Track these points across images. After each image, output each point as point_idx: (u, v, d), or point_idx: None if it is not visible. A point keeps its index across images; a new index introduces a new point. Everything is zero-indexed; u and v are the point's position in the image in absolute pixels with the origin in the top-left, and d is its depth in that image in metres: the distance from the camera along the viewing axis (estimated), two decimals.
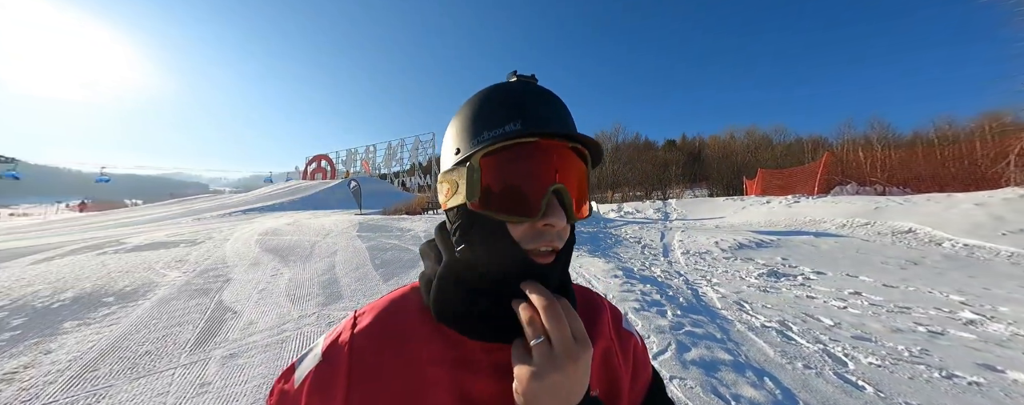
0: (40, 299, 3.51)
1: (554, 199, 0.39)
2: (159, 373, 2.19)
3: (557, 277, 0.41)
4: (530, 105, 0.42)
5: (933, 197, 7.28)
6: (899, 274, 4.22)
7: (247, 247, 6.00)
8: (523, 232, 0.39)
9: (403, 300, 0.46)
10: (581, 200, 0.42)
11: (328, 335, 0.44)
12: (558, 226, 0.39)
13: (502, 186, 0.40)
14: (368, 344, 0.41)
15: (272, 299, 3.51)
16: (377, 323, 0.43)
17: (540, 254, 0.39)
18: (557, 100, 0.45)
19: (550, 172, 0.40)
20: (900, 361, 2.31)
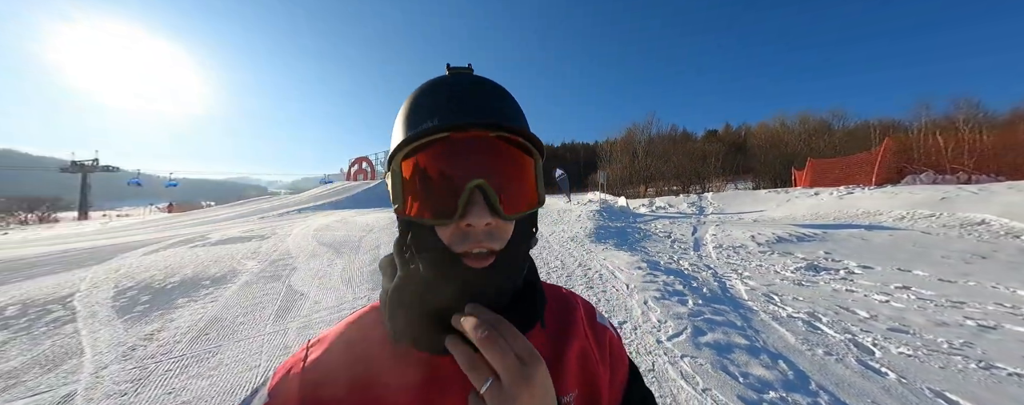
0: (156, 282, 4.34)
1: (476, 196, 0.35)
2: (252, 338, 2.73)
3: (505, 281, 0.38)
4: (450, 98, 0.39)
5: (1017, 185, 6.43)
6: (961, 268, 3.92)
7: (306, 241, 6.80)
8: (450, 235, 0.37)
9: (361, 323, 0.43)
10: (518, 194, 0.38)
11: (277, 371, 0.41)
12: (478, 225, 0.35)
13: (421, 188, 0.37)
14: (321, 378, 0.38)
15: (331, 284, 4.07)
16: (332, 352, 0.40)
17: (473, 257, 0.36)
18: (487, 89, 0.40)
19: (469, 167, 0.36)
20: (936, 352, 2.28)
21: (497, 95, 0.40)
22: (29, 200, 32.59)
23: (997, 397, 1.81)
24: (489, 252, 0.36)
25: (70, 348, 2.64)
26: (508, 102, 0.41)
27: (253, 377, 2.17)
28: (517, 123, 0.39)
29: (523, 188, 0.39)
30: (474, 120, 0.37)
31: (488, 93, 0.40)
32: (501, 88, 0.42)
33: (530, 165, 0.40)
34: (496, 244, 0.37)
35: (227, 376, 2.19)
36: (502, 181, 0.37)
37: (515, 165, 0.39)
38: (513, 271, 0.39)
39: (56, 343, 2.73)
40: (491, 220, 0.36)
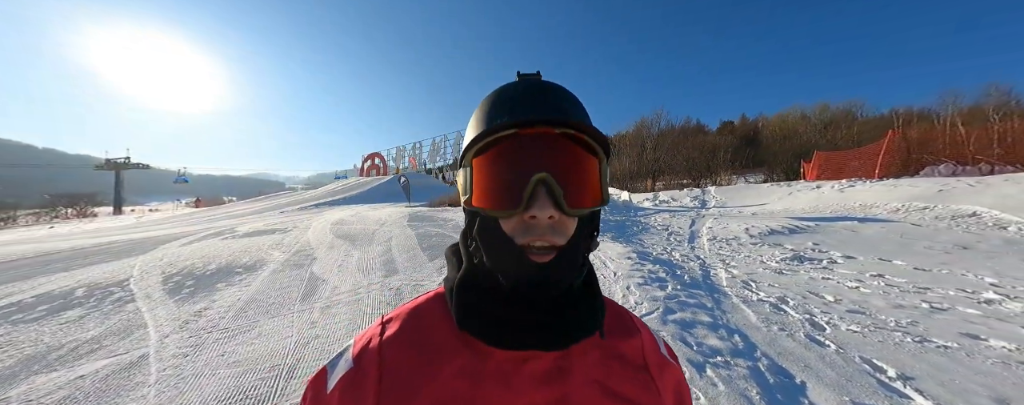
0: (197, 269, 4.90)
1: (540, 190, 0.36)
2: (284, 315, 3.19)
3: (564, 277, 0.38)
4: (520, 99, 0.41)
5: (1013, 177, 6.39)
6: (940, 258, 4.09)
7: (324, 234, 7.34)
8: (513, 226, 0.38)
9: (428, 307, 0.45)
10: (581, 190, 0.39)
11: (357, 340, 0.44)
12: (541, 217, 0.36)
13: (490, 181, 0.39)
14: (396, 354, 0.40)
15: (348, 272, 4.53)
16: (404, 332, 0.42)
17: (536, 251, 0.37)
18: (555, 91, 0.43)
19: (534, 161, 0.38)
20: (881, 329, 2.54)
21: (564, 96, 0.42)
22: (69, 196, 34.84)
23: (916, 362, 2.08)
24: (551, 246, 0.37)
25: (135, 322, 3.16)
26: (575, 104, 0.43)
27: (288, 345, 2.61)
28: (579, 120, 0.41)
29: (587, 185, 0.40)
30: (541, 116, 0.38)
31: (556, 94, 0.42)
32: (568, 91, 0.44)
33: (595, 164, 0.40)
34: (559, 239, 0.37)
35: (266, 344, 2.64)
36: (567, 177, 0.38)
37: (580, 162, 0.39)
38: (573, 268, 0.39)
39: (123, 318, 3.26)
40: (554, 213, 0.36)
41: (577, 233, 0.39)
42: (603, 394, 0.39)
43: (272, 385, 2.09)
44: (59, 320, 3.27)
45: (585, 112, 0.44)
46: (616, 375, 0.41)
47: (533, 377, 0.38)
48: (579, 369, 0.39)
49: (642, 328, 0.49)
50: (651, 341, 0.48)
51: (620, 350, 0.44)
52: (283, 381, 2.13)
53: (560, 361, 0.39)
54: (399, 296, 3.62)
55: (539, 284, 0.37)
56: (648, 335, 0.49)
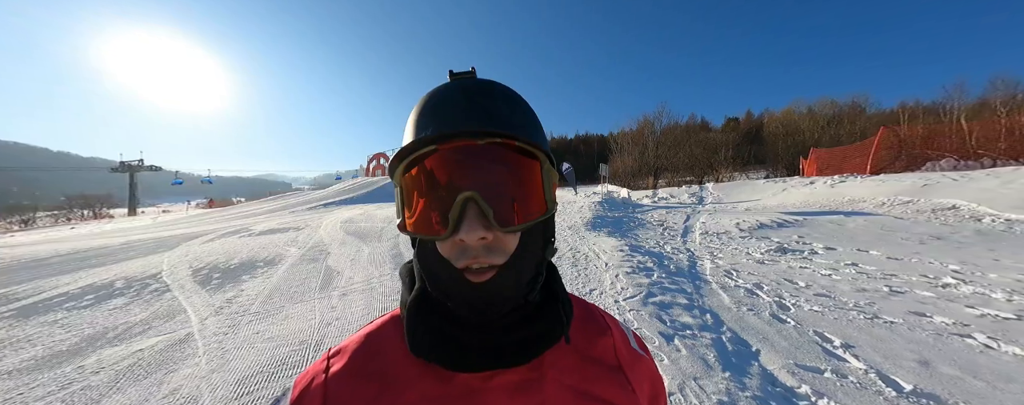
0: (221, 263, 5.31)
1: (469, 210, 0.33)
2: (306, 301, 3.56)
3: (507, 296, 0.36)
4: (440, 107, 0.37)
5: (995, 171, 6.57)
6: (912, 248, 4.35)
7: (335, 232, 7.73)
8: (449, 249, 0.35)
9: (381, 333, 0.42)
10: (516, 203, 0.36)
11: (299, 380, 0.40)
12: (471, 240, 0.33)
13: (417, 203, 0.36)
14: (344, 389, 0.37)
15: (360, 265, 4.90)
16: (354, 363, 0.39)
17: (473, 272, 0.34)
18: (480, 92, 0.38)
19: (459, 179, 0.35)
20: (839, 309, 2.84)
21: (491, 97, 0.38)
22: (85, 198, 35.93)
23: (861, 334, 2.38)
24: (490, 267, 0.34)
25: (175, 308, 3.55)
26: (503, 104, 0.38)
27: (313, 324, 2.98)
28: (512, 126, 0.37)
29: (524, 197, 0.36)
30: (459, 127, 0.35)
31: (481, 97, 0.37)
32: (499, 90, 0.39)
33: (533, 169, 0.37)
34: (496, 258, 0.34)
35: (293, 324, 3.01)
36: (498, 191, 0.35)
37: (513, 172, 0.36)
38: (517, 285, 0.36)
39: (163, 305, 3.66)
40: (485, 234, 0.33)
41: (522, 247, 0.36)
42: (578, 399, 0.37)
43: (303, 355, 2.45)
44: (107, 307, 3.67)
45: (519, 110, 0.40)
46: (591, 378, 0.40)
47: (505, 391, 0.36)
48: (552, 377, 0.38)
49: (612, 325, 0.47)
50: (622, 337, 0.47)
51: (592, 352, 0.42)
52: (312, 352, 2.48)
53: (531, 372, 0.38)
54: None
55: (482, 307, 0.35)
56: (619, 331, 0.47)
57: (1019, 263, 3.53)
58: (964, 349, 2.13)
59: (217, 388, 2.10)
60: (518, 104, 0.41)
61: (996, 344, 2.15)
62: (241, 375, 2.23)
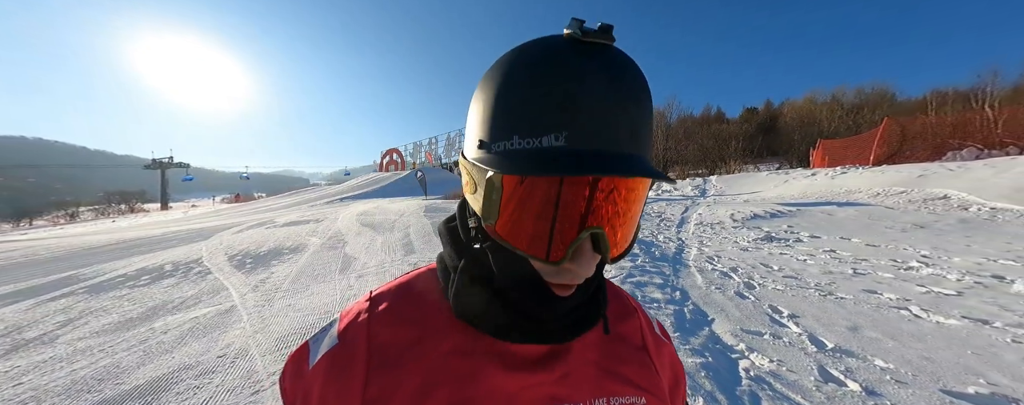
0: (251, 251, 5.92)
1: (587, 243, 0.31)
2: (328, 282, 4.07)
3: (577, 301, 0.37)
4: (586, 105, 0.29)
5: (992, 161, 6.52)
6: (893, 236, 4.53)
7: (351, 224, 8.32)
8: (543, 266, 0.33)
9: (420, 284, 0.43)
10: (627, 233, 0.34)
11: (343, 315, 0.41)
12: (582, 273, 0.32)
13: (525, 218, 0.32)
14: (386, 331, 0.38)
15: (374, 252, 5.41)
16: (395, 308, 0.40)
17: (559, 287, 0.34)
18: (635, 98, 0.31)
19: (594, 212, 0.31)
20: (800, 288, 3.13)
21: (639, 105, 0.31)
22: (122, 193, 38.38)
23: (810, 307, 2.69)
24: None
25: (218, 286, 4.12)
26: (648, 114, 0.33)
27: (335, 299, 3.47)
28: (648, 150, 0.33)
29: (633, 225, 0.34)
30: (618, 171, 0.29)
31: (631, 104, 0.31)
32: (642, 89, 0.32)
33: (643, 193, 0.34)
34: (583, 279, 0.33)
35: (319, 298, 3.51)
36: (620, 225, 0.32)
37: (636, 204, 0.33)
38: (587, 289, 0.37)
39: (207, 284, 4.24)
40: (594, 267, 0.32)
41: (601, 263, 0.34)
42: (603, 374, 0.38)
43: (323, 322, 2.94)
44: (161, 285, 4.28)
45: (653, 122, 0.35)
46: (615, 355, 0.40)
47: (529, 358, 0.37)
48: (578, 350, 0.38)
49: (638, 307, 0.48)
50: (647, 321, 0.47)
51: (619, 331, 0.43)
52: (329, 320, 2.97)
53: (556, 344, 0.37)
54: (415, 269, 4.45)
55: (556, 311, 0.35)
56: (644, 315, 0.48)
57: (987, 249, 3.71)
58: (895, 318, 2.43)
59: (261, 344, 2.60)
60: (651, 109, 0.35)
61: (925, 315, 2.44)
62: (279, 335, 2.72)
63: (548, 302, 0.34)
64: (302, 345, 0.41)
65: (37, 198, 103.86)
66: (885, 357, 1.98)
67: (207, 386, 2.07)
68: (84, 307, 3.63)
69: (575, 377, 0.37)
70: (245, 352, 2.47)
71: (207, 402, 1.91)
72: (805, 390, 1.73)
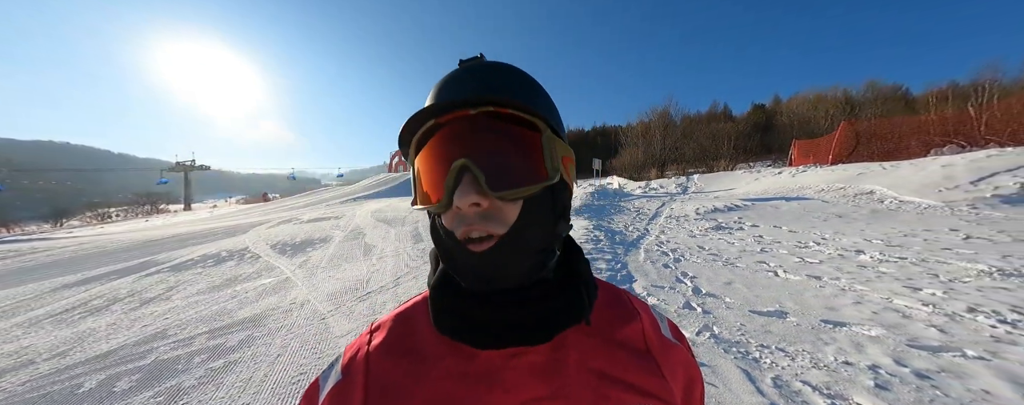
0: (287, 241, 7.10)
1: (463, 177, 0.34)
2: (355, 262, 5.19)
3: (508, 264, 0.35)
4: (445, 85, 0.39)
5: (918, 162, 7.31)
6: (814, 224, 5.46)
7: (367, 219, 9.48)
8: (449, 220, 0.36)
9: (413, 312, 0.45)
10: (511, 170, 0.36)
11: (347, 349, 0.44)
12: (463, 205, 0.33)
13: (422, 178, 0.39)
14: (382, 362, 0.40)
15: (390, 241, 6.53)
16: (390, 339, 0.42)
17: (474, 241, 0.34)
18: (482, 70, 0.40)
19: (455, 149, 0.36)
20: (713, 261, 4.12)
21: (490, 71, 0.40)
22: (149, 195, 40.77)
23: (709, 272, 3.68)
24: (489, 236, 0.34)
25: (270, 265, 5.28)
26: (501, 76, 0.40)
27: (361, 274, 4.57)
28: (508, 94, 0.38)
29: (520, 164, 0.37)
30: (453, 98, 0.37)
31: (482, 73, 0.39)
32: (499, 65, 0.41)
33: (533, 139, 0.37)
34: (495, 227, 0.34)
35: (350, 272, 4.63)
36: (494, 159, 0.35)
37: (510, 140, 0.37)
38: (521, 255, 0.36)
39: (261, 264, 5.40)
40: (478, 199, 0.33)
41: (524, 218, 0.36)
42: (603, 382, 0.37)
43: (357, 286, 4.04)
44: (226, 266, 5.46)
45: (520, 82, 0.41)
46: (617, 362, 0.39)
47: (525, 372, 0.37)
48: (574, 359, 0.38)
49: (642, 309, 0.47)
50: (652, 323, 0.46)
51: (619, 336, 0.42)
52: (362, 286, 4.07)
53: (553, 353, 0.38)
54: (422, 253, 5.53)
55: (486, 277, 0.35)
56: (649, 316, 0.46)
57: (871, 232, 4.63)
58: (761, 278, 3.41)
59: (317, 297, 3.71)
60: (523, 78, 0.41)
61: (784, 275, 3.42)
62: (328, 293, 3.84)
63: (484, 275, 0.35)
64: (314, 381, 0.44)
65: (68, 199, 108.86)
66: (733, 297, 2.98)
67: (291, 316, 3.19)
68: (176, 280, 4.83)
69: (574, 387, 0.36)
70: (308, 301, 3.59)
71: (295, 323, 3.02)
72: (668, 311, 2.75)
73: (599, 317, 0.42)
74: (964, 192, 5.42)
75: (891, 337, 2.12)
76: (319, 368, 2.27)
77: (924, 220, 4.93)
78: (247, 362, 2.41)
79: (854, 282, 3.07)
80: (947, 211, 5.15)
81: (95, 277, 5.36)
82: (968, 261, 3.29)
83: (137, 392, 2.13)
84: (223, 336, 2.87)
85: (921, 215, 5.22)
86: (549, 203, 0.39)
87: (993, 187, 5.24)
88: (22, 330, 3.33)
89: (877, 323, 2.31)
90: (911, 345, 2.02)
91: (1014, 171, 5.40)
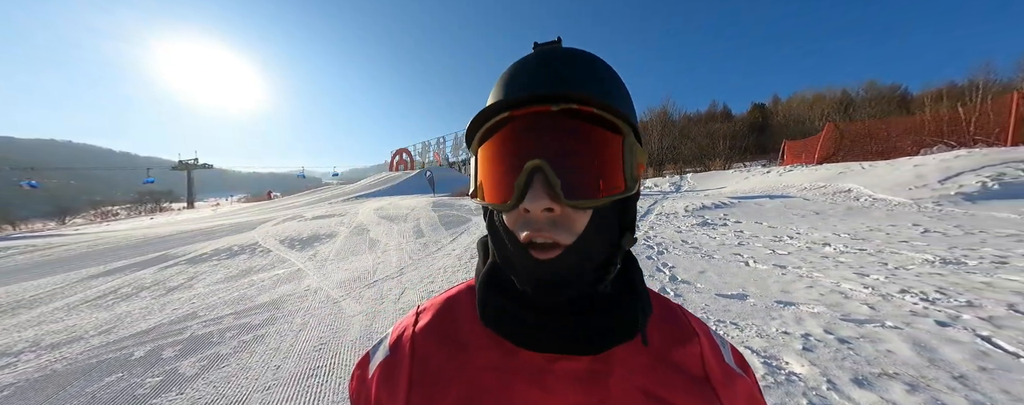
0: (295, 237, 7.46)
1: (536, 179, 0.32)
2: (361, 255, 5.54)
3: (572, 278, 0.34)
4: (521, 74, 0.37)
5: (895, 162, 7.65)
6: (792, 220, 5.80)
7: (370, 217, 9.83)
8: (514, 220, 0.35)
9: (459, 299, 0.45)
10: (588, 176, 0.33)
11: (395, 328, 0.46)
12: (534, 210, 0.32)
13: (488, 172, 0.37)
14: (428, 345, 0.41)
15: (392, 237, 6.88)
16: (435, 323, 0.43)
17: (537, 247, 0.33)
18: (562, 59, 0.37)
19: (530, 147, 0.34)
20: (692, 254, 4.46)
21: (573, 65, 0.37)
22: (152, 193, 41.21)
23: (687, 263, 4.02)
24: (554, 244, 0.33)
25: (282, 258, 5.63)
26: (583, 69, 0.37)
27: (368, 265, 4.92)
28: (590, 91, 0.35)
29: (599, 170, 0.34)
30: (533, 92, 0.33)
31: (562, 63, 0.37)
32: (583, 56, 0.38)
33: (613, 143, 0.34)
34: (562, 236, 0.33)
35: (358, 264, 4.97)
36: (568, 162, 0.33)
37: (588, 143, 0.34)
38: (583, 269, 0.35)
39: (273, 257, 5.75)
40: (551, 205, 0.32)
41: (592, 229, 0.34)
42: (650, 401, 0.35)
43: (364, 275, 4.39)
44: (239, 259, 5.82)
45: (604, 78, 0.38)
46: (668, 384, 0.37)
47: (566, 377, 0.36)
48: (620, 373, 0.36)
49: (701, 331, 0.44)
50: (713, 347, 0.43)
51: (673, 357, 0.40)
52: (369, 275, 4.42)
53: (596, 363, 0.36)
54: (424, 247, 5.88)
55: (546, 285, 0.34)
56: (709, 340, 0.43)
57: (842, 227, 4.98)
58: (733, 267, 3.76)
59: (328, 284, 4.06)
60: (604, 71, 0.38)
61: (753, 264, 3.76)
62: (338, 281, 4.19)
63: (545, 284, 0.34)
64: (364, 354, 0.46)
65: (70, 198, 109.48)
66: (704, 283, 3.33)
67: (306, 300, 3.55)
68: (194, 271, 5.18)
69: (618, 401, 0.35)
70: (321, 288, 3.95)
71: (311, 306, 3.37)
72: None
73: (652, 333, 0.40)
74: (931, 190, 5.77)
75: (829, 313, 2.47)
76: (337, 340, 2.62)
77: (892, 216, 5.26)
78: (273, 336, 2.76)
79: (813, 270, 3.42)
80: (914, 208, 5.50)
81: (117, 269, 5.72)
82: (917, 252, 3.63)
83: (183, 358, 2.48)
84: (248, 316, 3.22)
85: (891, 212, 5.56)
86: (618, 214, 0.37)
87: (957, 186, 5.60)
88: (64, 313, 3.69)
89: (821, 303, 2.65)
90: (843, 319, 2.37)
91: (977, 171, 5.76)
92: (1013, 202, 4.94)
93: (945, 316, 2.27)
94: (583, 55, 0.38)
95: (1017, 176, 5.37)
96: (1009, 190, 5.18)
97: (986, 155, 6.42)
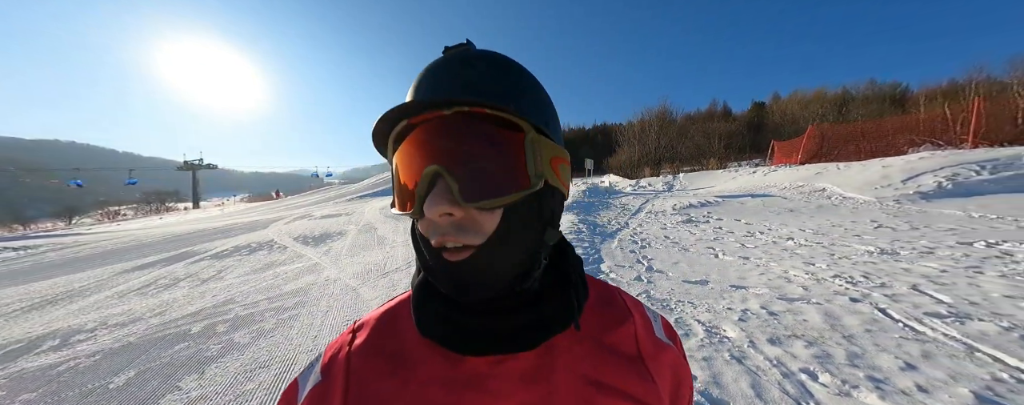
0: (308, 235, 7.98)
1: (437, 184, 0.33)
2: (371, 251, 6.06)
3: (485, 277, 0.34)
4: (424, 80, 0.37)
5: (867, 162, 8.13)
6: (766, 217, 6.29)
7: (377, 215, 10.35)
8: (425, 227, 0.35)
9: (397, 311, 0.44)
10: (487, 177, 0.33)
11: (328, 348, 0.43)
12: (433, 216, 0.32)
13: (396, 180, 0.37)
14: (364, 363, 0.39)
15: (400, 234, 7.40)
16: (373, 339, 0.41)
17: (449, 251, 0.33)
18: (469, 63, 0.36)
19: (428, 153, 0.34)
20: (670, 247, 4.95)
21: (473, 66, 0.36)
22: (159, 193, 41.90)
23: (665, 255, 4.51)
24: (464, 246, 0.33)
25: (299, 253, 6.15)
26: (486, 72, 0.36)
27: (378, 259, 5.43)
28: (489, 94, 0.35)
29: (499, 169, 0.34)
30: (425, 97, 0.34)
31: (462, 67, 0.36)
32: (487, 58, 0.38)
33: (512, 141, 0.34)
34: (471, 238, 0.33)
35: (370, 257, 5.49)
36: (470, 165, 0.33)
37: (488, 143, 0.34)
38: (500, 270, 0.35)
39: (290, 253, 6.27)
40: (449, 209, 0.32)
41: (505, 228, 0.34)
42: (592, 388, 0.37)
43: (377, 268, 4.91)
44: (259, 254, 6.34)
45: (509, 80, 0.37)
46: (607, 367, 0.39)
47: (512, 378, 0.36)
48: (563, 364, 0.37)
49: (635, 309, 0.46)
50: (644, 324, 0.45)
51: (610, 340, 0.41)
52: (380, 267, 4.93)
53: (541, 358, 0.37)
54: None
55: (462, 286, 0.34)
56: (641, 318, 0.45)
57: (809, 223, 5.47)
58: (703, 259, 4.25)
59: (346, 275, 4.58)
60: (508, 72, 0.38)
61: (721, 256, 4.26)
62: (354, 272, 4.70)
63: (461, 286, 0.34)
64: (293, 382, 0.42)
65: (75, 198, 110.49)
66: (675, 272, 3.83)
67: (328, 288, 4.06)
68: (221, 265, 5.71)
69: (562, 393, 0.36)
70: (338, 278, 4.46)
71: (333, 293, 3.89)
72: (621, 282, 3.60)
73: (589, 320, 0.42)
74: (894, 190, 6.25)
75: (769, 294, 2.96)
76: (361, 316, 3.13)
77: (856, 213, 5.74)
78: (305, 315, 3.28)
79: (771, 261, 3.91)
80: (877, 206, 5.98)
81: (148, 264, 6.26)
82: (864, 244, 4.12)
83: (234, 332, 2.99)
84: (279, 301, 3.74)
85: (856, 209, 6.04)
86: (534, 210, 0.37)
87: (916, 185, 6.07)
88: (115, 300, 4.22)
89: (766, 286, 3.15)
90: (779, 298, 2.86)
91: (936, 171, 6.22)
92: (962, 200, 5.42)
93: (859, 294, 2.77)
94: (484, 56, 0.38)
95: (969, 176, 5.85)
96: (960, 189, 5.66)
97: (946, 156, 6.89)
